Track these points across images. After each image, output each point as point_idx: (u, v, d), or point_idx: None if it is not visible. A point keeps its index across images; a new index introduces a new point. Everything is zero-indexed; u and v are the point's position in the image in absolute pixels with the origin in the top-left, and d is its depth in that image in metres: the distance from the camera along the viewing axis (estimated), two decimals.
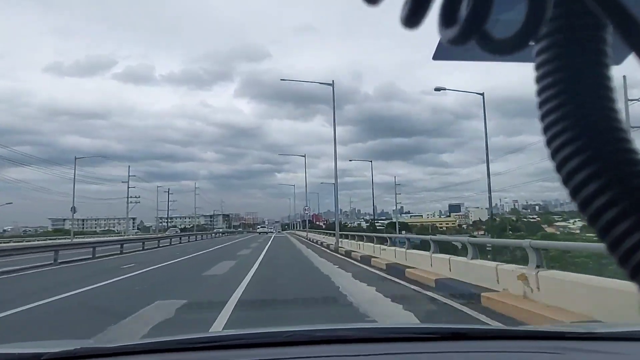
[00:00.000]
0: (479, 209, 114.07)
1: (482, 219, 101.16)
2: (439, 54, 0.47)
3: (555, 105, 0.31)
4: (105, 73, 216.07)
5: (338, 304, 6.59)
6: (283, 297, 7.46)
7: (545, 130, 0.31)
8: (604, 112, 0.30)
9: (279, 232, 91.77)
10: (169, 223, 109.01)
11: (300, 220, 77.11)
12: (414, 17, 0.29)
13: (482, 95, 23.59)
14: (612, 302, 4.14)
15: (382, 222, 66.86)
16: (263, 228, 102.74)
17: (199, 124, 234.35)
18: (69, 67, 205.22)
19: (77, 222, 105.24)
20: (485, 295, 6.02)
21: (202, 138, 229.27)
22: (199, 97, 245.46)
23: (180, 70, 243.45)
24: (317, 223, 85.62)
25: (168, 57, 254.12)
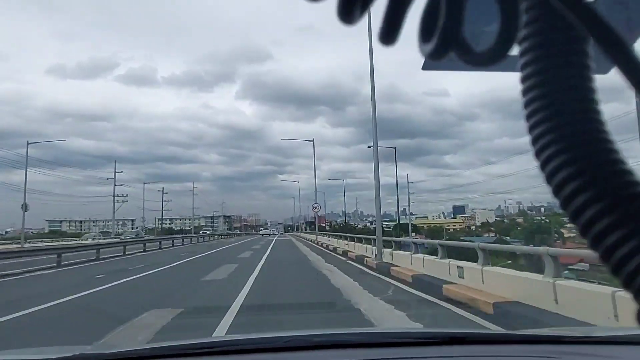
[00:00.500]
0: (485, 211, 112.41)
1: (489, 220, 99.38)
2: (428, 65, 0.48)
3: (542, 119, 0.31)
4: (108, 75, 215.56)
5: None
6: None
7: (534, 143, 0.32)
8: (590, 124, 0.31)
9: (282, 233, 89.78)
10: (169, 224, 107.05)
11: (304, 222, 74.81)
12: (387, 35, 0.31)
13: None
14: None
15: (387, 223, 64.38)
16: (266, 230, 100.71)
17: (202, 126, 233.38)
18: (72, 69, 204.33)
19: (74, 223, 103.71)
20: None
21: (204, 140, 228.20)
22: (201, 99, 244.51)
23: (182, 72, 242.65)
24: (320, 224, 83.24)
25: (170, 59, 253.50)
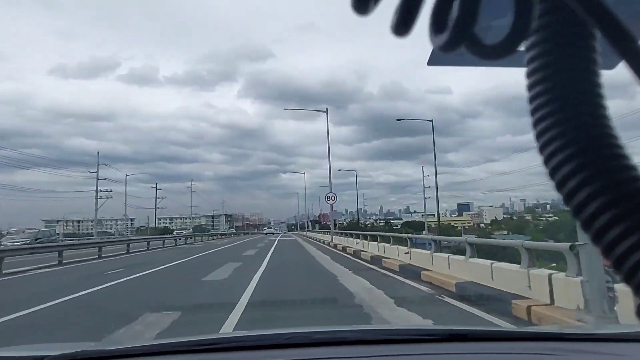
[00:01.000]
0: (492, 208, 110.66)
1: (497, 218, 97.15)
2: (434, 60, 0.48)
3: (547, 113, 0.31)
4: (109, 75, 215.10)
5: None
6: None
7: (538, 137, 0.32)
8: (595, 118, 0.31)
9: (285, 232, 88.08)
10: (169, 223, 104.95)
11: (309, 220, 72.41)
12: (403, 25, 0.30)
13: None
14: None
15: (391, 222, 61.78)
16: (270, 229, 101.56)
17: (204, 125, 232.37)
18: (73, 69, 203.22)
19: (72, 223, 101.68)
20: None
21: (206, 139, 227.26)
22: (203, 98, 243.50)
23: (184, 72, 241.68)
24: (326, 223, 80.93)
25: (171, 58, 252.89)
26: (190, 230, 62.07)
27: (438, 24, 0.31)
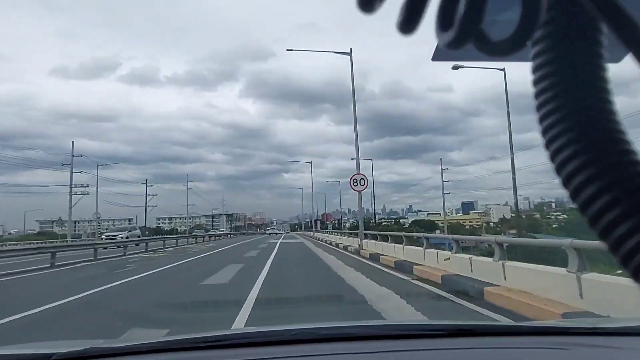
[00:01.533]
0: (500, 206, 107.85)
1: (505, 216, 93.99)
2: (438, 55, 0.48)
3: (553, 108, 0.31)
4: (111, 75, 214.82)
5: None
6: None
7: (544, 133, 0.32)
8: (602, 113, 0.31)
9: (287, 232, 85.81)
10: (169, 223, 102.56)
11: (315, 219, 69.63)
12: (409, 23, 0.30)
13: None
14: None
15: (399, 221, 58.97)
16: (273, 229, 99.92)
17: (206, 125, 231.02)
18: (75, 69, 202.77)
19: (67, 223, 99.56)
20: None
21: (209, 139, 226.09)
22: (205, 98, 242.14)
23: (185, 71, 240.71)
24: (328, 222, 78.13)
25: (172, 58, 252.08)
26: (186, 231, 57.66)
27: (444, 22, 0.31)
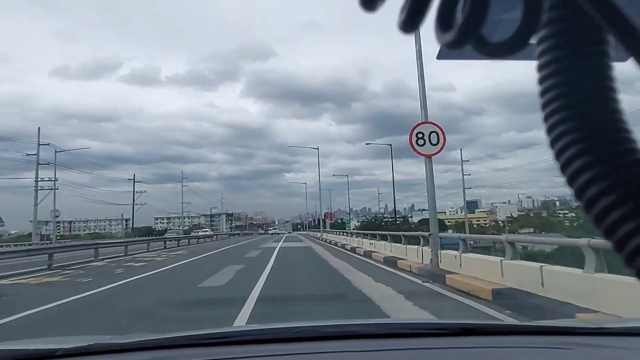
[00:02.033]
0: (506, 205, 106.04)
1: (513, 215, 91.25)
2: (443, 54, 0.48)
3: (559, 107, 0.31)
4: (111, 75, 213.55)
5: None
6: None
7: (549, 131, 0.32)
8: (608, 113, 0.31)
9: (290, 232, 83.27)
10: (167, 222, 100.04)
11: (319, 218, 66.86)
12: (411, 22, 0.30)
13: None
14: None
15: (390, 219, 55.82)
16: (275, 229, 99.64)
17: (207, 125, 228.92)
18: (75, 70, 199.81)
19: (62, 224, 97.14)
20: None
21: (210, 139, 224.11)
22: (206, 98, 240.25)
23: (186, 71, 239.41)
24: (330, 222, 75.23)
25: (173, 58, 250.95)
26: (181, 232, 51.46)
27: (445, 22, 0.31)
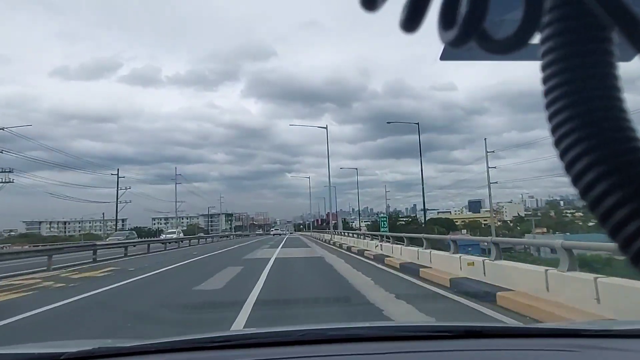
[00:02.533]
0: (512, 204, 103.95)
1: (520, 214, 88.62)
2: (446, 55, 0.48)
3: (563, 106, 0.31)
4: (112, 76, 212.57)
5: None
6: None
7: (554, 131, 0.32)
8: (613, 111, 0.31)
9: (291, 233, 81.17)
10: (165, 223, 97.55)
11: (319, 219, 64.11)
12: (412, 21, 0.31)
13: None
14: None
15: (403, 220, 53.11)
16: (276, 230, 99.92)
17: (208, 126, 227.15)
18: (76, 70, 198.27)
19: (56, 224, 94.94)
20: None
21: (211, 139, 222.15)
22: (206, 98, 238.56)
23: (187, 72, 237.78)
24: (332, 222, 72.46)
25: (173, 58, 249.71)
26: (181, 233, 46.39)
27: (447, 20, 0.31)
